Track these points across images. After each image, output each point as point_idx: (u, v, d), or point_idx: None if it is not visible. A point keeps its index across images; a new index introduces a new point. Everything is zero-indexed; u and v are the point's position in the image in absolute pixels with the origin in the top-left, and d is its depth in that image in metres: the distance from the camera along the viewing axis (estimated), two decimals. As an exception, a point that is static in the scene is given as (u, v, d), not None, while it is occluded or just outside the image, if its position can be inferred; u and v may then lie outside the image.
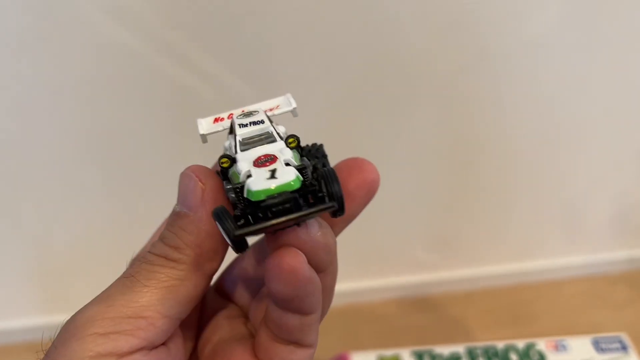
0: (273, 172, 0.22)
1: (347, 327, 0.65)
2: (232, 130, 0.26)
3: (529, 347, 0.53)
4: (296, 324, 0.24)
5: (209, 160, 0.28)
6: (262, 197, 0.21)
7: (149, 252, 0.24)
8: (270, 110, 0.27)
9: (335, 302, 0.74)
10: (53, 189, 0.57)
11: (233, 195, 0.23)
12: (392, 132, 0.59)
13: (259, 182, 0.21)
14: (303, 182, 0.22)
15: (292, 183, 0.21)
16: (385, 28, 0.54)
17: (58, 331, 0.23)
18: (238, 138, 0.24)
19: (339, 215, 0.23)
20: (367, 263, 0.69)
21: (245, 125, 0.24)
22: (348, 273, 0.68)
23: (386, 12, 0.53)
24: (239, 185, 0.22)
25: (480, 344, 0.54)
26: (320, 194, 0.22)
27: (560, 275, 0.71)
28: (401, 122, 0.59)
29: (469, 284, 0.70)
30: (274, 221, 0.21)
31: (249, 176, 0.22)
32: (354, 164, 0.27)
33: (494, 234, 0.69)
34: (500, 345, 0.54)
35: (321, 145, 0.27)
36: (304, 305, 0.24)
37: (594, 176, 0.67)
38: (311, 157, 0.26)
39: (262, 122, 0.24)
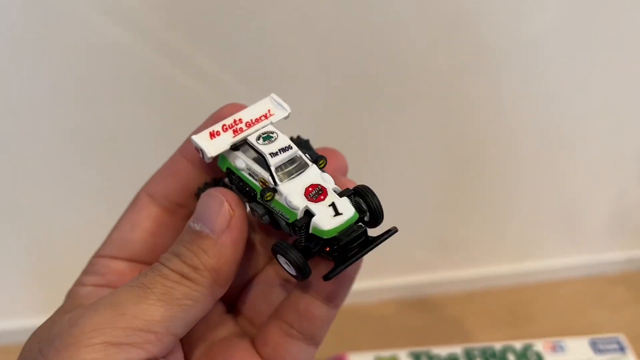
0: (334, 207, 0.24)
1: (345, 328, 0.65)
2: (238, 147, 0.26)
3: (527, 348, 0.53)
4: (322, 315, 0.26)
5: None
6: (335, 234, 0.23)
7: (164, 265, 0.24)
8: (266, 117, 0.27)
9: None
10: (51, 189, 0.57)
11: (283, 223, 0.25)
12: (391, 131, 0.59)
13: (327, 221, 0.23)
14: (359, 211, 0.24)
15: (355, 216, 0.24)
16: (384, 27, 0.54)
17: (57, 332, 0.22)
18: (272, 169, 0.25)
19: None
20: (365, 263, 0.68)
21: (276, 154, 0.25)
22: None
23: (385, 11, 0.53)
24: (302, 223, 0.24)
25: (477, 344, 0.54)
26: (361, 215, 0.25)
27: (559, 276, 0.71)
28: (400, 122, 0.59)
29: (467, 284, 0.70)
30: (361, 255, 0.24)
31: (307, 212, 0.24)
32: (328, 153, 0.28)
33: (492, 234, 0.69)
34: (497, 346, 0.54)
35: (307, 141, 0.29)
36: (342, 294, 0.26)
37: (592, 176, 0.67)
38: (302, 149, 0.27)
39: (290, 147, 0.25)
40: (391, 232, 0.25)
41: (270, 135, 0.25)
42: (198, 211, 0.25)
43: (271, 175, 0.25)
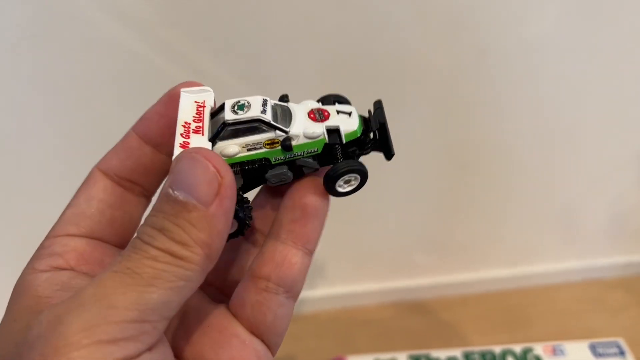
0: (341, 112, 0.26)
1: (343, 331, 0.65)
2: (217, 136, 0.25)
3: (526, 351, 0.53)
4: (298, 262, 0.25)
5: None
6: (362, 128, 0.26)
7: (148, 244, 0.21)
8: (202, 106, 0.26)
9: (331, 305, 0.74)
10: (49, 188, 0.57)
11: (311, 160, 0.26)
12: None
13: (350, 122, 0.26)
14: None
15: (356, 112, 0.27)
16: (384, 29, 0.54)
17: (40, 335, 0.20)
18: (272, 122, 0.25)
19: None
20: (363, 266, 0.68)
21: (264, 111, 0.25)
22: (344, 276, 0.68)
23: (384, 14, 0.53)
24: (335, 141, 0.25)
25: (477, 348, 0.54)
26: None
27: (557, 280, 0.71)
28: (398, 125, 0.58)
29: (466, 288, 0.70)
30: (386, 123, 0.27)
31: (329, 130, 0.25)
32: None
33: (491, 238, 0.69)
34: (497, 349, 0.54)
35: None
36: (314, 231, 0.26)
37: (591, 180, 0.66)
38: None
39: (266, 100, 0.25)
40: (380, 103, 0.28)
41: (240, 103, 0.25)
42: (179, 176, 0.21)
43: (277, 128, 0.25)
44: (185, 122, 0.25)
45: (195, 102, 0.26)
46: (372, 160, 0.29)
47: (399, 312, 0.68)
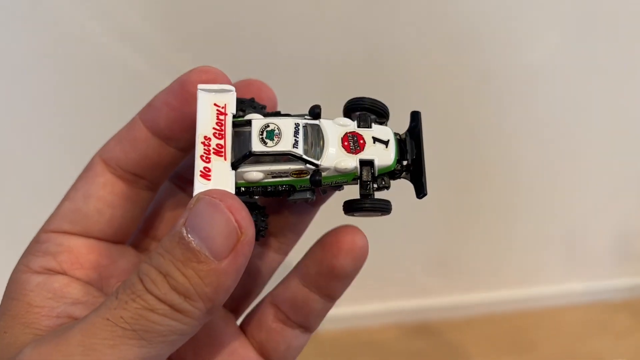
0: (377, 140, 0.24)
1: (346, 352, 0.64)
2: (239, 163, 0.23)
3: (531, 374, 0.53)
4: (318, 308, 0.25)
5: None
6: (397, 159, 0.24)
7: (149, 291, 0.19)
8: (223, 113, 0.23)
9: (333, 326, 0.74)
10: (53, 205, 0.57)
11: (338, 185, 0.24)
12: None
13: (385, 155, 0.24)
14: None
15: (394, 135, 0.25)
16: (386, 50, 0.54)
17: None
18: (305, 157, 0.23)
19: None
20: (366, 286, 0.68)
21: (296, 143, 0.23)
22: (346, 296, 0.67)
23: (387, 35, 0.53)
24: (368, 176, 0.24)
25: (481, 370, 0.53)
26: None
27: (561, 302, 0.70)
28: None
29: (469, 309, 0.69)
30: (423, 151, 0.25)
31: (363, 162, 0.24)
32: (250, 85, 0.26)
33: (495, 259, 0.68)
34: (501, 372, 0.53)
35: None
36: (340, 288, 0.24)
37: (595, 202, 0.66)
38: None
39: (298, 125, 0.23)
40: (419, 117, 0.26)
41: (269, 130, 0.23)
42: (196, 220, 0.19)
43: (308, 162, 0.23)
44: (205, 137, 0.22)
45: (215, 104, 0.23)
46: None
47: (402, 333, 0.67)
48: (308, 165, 0.23)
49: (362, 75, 0.55)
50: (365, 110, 0.26)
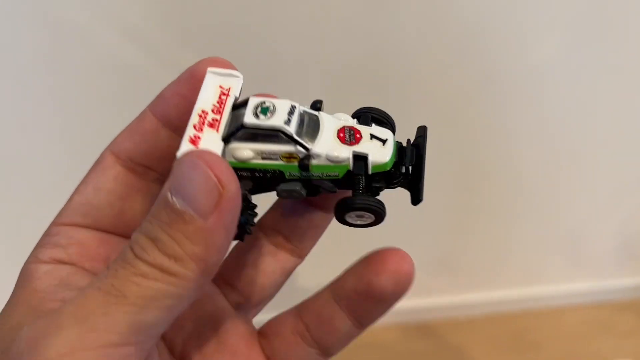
0: (376, 137, 0.23)
1: (346, 353, 0.64)
2: (226, 140, 0.22)
3: (534, 375, 0.52)
4: (342, 330, 0.23)
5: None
6: (394, 160, 0.23)
7: (138, 257, 0.19)
8: (226, 95, 0.23)
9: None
10: (58, 205, 0.57)
11: (328, 182, 0.23)
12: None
13: (381, 152, 0.22)
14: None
15: (393, 137, 0.23)
16: (389, 51, 0.54)
17: (14, 349, 0.19)
18: (295, 137, 0.22)
19: None
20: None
21: (289, 121, 0.22)
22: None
23: (390, 36, 0.53)
24: (359, 170, 0.22)
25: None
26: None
27: (565, 302, 0.70)
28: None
29: (471, 309, 0.69)
30: (424, 166, 0.23)
31: (356, 156, 0.22)
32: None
33: (498, 259, 0.68)
34: (503, 373, 0.53)
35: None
36: (372, 314, 0.23)
37: (599, 202, 0.66)
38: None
39: (294, 106, 0.23)
40: (425, 131, 0.25)
41: (265, 106, 0.22)
42: (178, 181, 0.19)
43: (298, 143, 0.22)
44: (203, 111, 0.22)
45: (220, 87, 0.23)
46: None
47: (404, 334, 0.67)
48: (298, 148, 0.22)
49: (364, 75, 0.54)
50: (372, 119, 0.25)
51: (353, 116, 0.25)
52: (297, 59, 0.53)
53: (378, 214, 0.23)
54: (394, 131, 0.24)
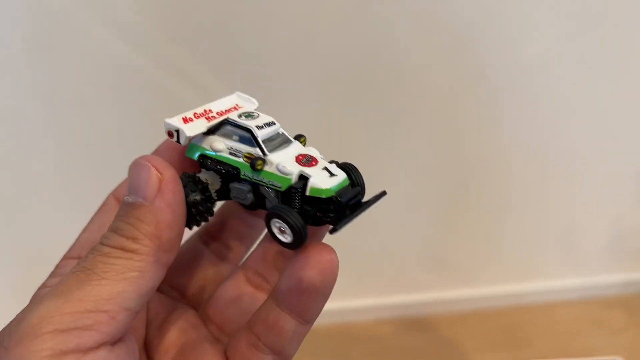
0: (328, 170, 0.24)
1: (340, 347, 0.64)
2: (213, 131, 0.26)
3: (525, 370, 0.53)
4: (290, 330, 0.24)
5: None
6: (332, 194, 0.23)
7: (103, 244, 0.23)
8: (235, 109, 0.27)
9: (328, 321, 0.74)
10: (47, 199, 0.57)
11: (272, 194, 0.25)
12: (390, 149, 0.59)
13: (325, 181, 0.24)
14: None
15: (347, 179, 0.24)
16: (385, 46, 0.54)
17: (7, 332, 0.21)
18: (259, 139, 0.25)
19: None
20: (361, 281, 0.68)
21: (262, 127, 0.25)
22: (341, 291, 0.67)
23: (386, 32, 0.53)
24: (298, 186, 0.24)
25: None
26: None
27: (556, 298, 0.70)
28: (399, 140, 0.59)
29: (464, 304, 0.69)
30: (360, 212, 0.24)
31: (302, 176, 0.24)
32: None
33: (489, 254, 0.68)
34: (495, 367, 0.53)
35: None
36: (310, 306, 0.24)
37: (591, 198, 0.66)
38: None
39: (274, 123, 0.25)
40: (382, 195, 0.25)
41: (252, 114, 0.26)
42: (130, 183, 0.24)
43: (259, 146, 0.25)
44: (209, 110, 0.26)
45: (236, 104, 0.27)
46: (370, 176, 0.28)
47: (397, 328, 0.67)
48: (258, 151, 0.25)
49: (357, 70, 0.54)
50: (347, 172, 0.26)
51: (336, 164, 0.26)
52: (290, 55, 0.53)
53: (291, 226, 0.23)
54: (362, 190, 0.25)
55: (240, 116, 0.26)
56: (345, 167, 0.25)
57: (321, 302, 0.24)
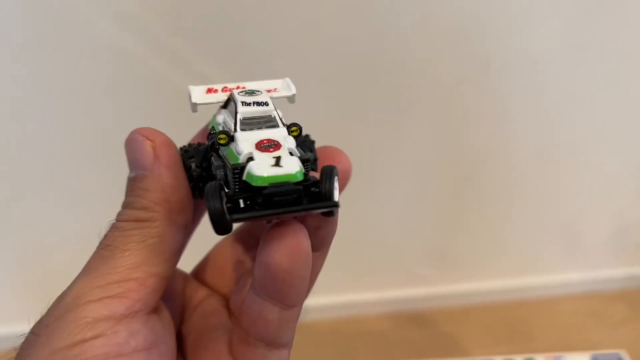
0: (278, 159, 0.21)
1: (341, 342, 0.64)
2: (226, 105, 0.26)
3: (527, 362, 0.53)
4: (274, 319, 0.23)
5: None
6: (264, 184, 0.21)
7: (118, 220, 0.24)
8: (268, 91, 0.26)
9: (329, 315, 0.74)
10: (48, 194, 0.57)
11: (222, 173, 0.23)
12: (391, 143, 0.59)
13: (262, 168, 0.21)
14: (305, 176, 0.21)
15: (296, 174, 0.21)
16: (387, 38, 0.54)
17: (47, 313, 0.23)
18: (239, 116, 0.24)
19: (329, 216, 0.23)
20: (362, 275, 0.68)
21: (249, 104, 0.24)
22: (342, 285, 0.67)
23: (388, 23, 0.53)
24: (238, 166, 0.21)
25: (478, 358, 0.53)
26: (313, 189, 0.21)
27: (558, 292, 0.70)
28: (400, 133, 0.59)
29: (466, 299, 0.69)
30: (274, 211, 0.20)
31: (250, 159, 0.22)
32: (329, 153, 0.27)
33: (491, 248, 0.68)
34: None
35: (313, 142, 0.27)
36: (286, 290, 0.23)
37: (593, 192, 0.66)
38: (304, 148, 0.25)
39: (267, 104, 0.24)
40: (329, 204, 0.21)
41: (255, 92, 0.25)
42: (128, 160, 0.25)
43: (235, 121, 0.24)
44: (244, 87, 0.27)
45: (276, 87, 0.27)
46: (371, 170, 0.27)
47: (399, 323, 0.67)
48: (232, 127, 0.24)
49: (360, 63, 0.54)
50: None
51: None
52: (292, 46, 0.53)
53: (212, 217, 0.21)
54: (322, 196, 0.22)
55: (240, 93, 0.25)
56: (323, 171, 0.22)
57: (300, 284, 0.23)
